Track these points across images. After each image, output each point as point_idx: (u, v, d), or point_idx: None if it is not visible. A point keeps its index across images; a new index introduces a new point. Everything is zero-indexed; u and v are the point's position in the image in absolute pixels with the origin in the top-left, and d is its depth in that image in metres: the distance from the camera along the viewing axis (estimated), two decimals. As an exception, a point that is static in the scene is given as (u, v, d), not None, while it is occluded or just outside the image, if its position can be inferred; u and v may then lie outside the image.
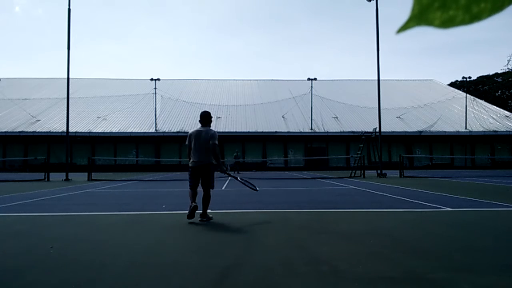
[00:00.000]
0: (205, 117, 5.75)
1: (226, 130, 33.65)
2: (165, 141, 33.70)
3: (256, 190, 6.48)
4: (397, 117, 37.36)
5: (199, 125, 5.76)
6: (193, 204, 5.35)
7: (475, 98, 40.85)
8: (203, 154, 5.54)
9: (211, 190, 5.67)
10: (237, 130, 33.78)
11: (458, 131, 34.61)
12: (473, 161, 35.71)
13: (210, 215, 5.64)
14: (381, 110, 20.94)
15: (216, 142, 5.58)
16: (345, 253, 3.65)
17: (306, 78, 35.99)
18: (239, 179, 6.44)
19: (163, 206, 7.33)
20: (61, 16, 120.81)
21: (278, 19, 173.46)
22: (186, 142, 5.73)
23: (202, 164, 5.55)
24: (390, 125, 34.19)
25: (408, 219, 5.81)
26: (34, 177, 18.88)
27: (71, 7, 18.42)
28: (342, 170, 28.87)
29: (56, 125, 33.44)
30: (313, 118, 35.10)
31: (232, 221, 5.58)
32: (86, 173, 18.54)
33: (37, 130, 32.90)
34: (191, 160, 5.61)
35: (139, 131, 33.49)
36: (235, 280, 2.88)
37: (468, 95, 37.81)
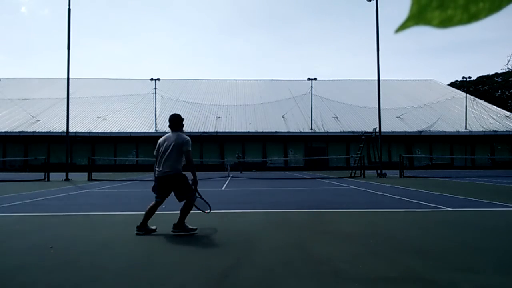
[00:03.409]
0: (174, 121, 4.96)
1: (226, 130, 33.65)
2: (165, 141, 33.64)
3: (206, 212, 5.13)
4: (397, 117, 37.36)
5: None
6: (152, 227, 4.77)
7: (475, 98, 40.84)
8: (171, 163, 4.71)
9: (190, 199, 4.79)
10: (237, 130, 33.77)
11: (458, 131, 34.60)
12: (473, 161, 35.70)
13: (194, 227, 4.83)
14: (381, 110, 20.94)
15: (189, 148, 4.76)
16: (345, 253, 3.65)
17: (306, 78, 36.00)
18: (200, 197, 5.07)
19: (163, 206, 7.33)
20: (61, 16, 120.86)
21: (278, 19, 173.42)
22: (154, 152, 4.94)
23: (169, 175, 4.70)
24: (390, 125, 34.19)
25: (408, 219, 5.81)
26: (34, 177, 18.88)
27: (71, 7, 18.43)
28: (342, 170, 28.87)
29: (56, 125, 33.44)
30: (313, 118, 35.09)
31: (232, 221, 5.58)
32: (86, 173, 18.55)
33: (37, 130, 32.89)
34: (157, 170, 4.79)
35: (139, 131, 33.48)
36: (235, 280, 2.88)
37: (468, 95, 37.80)
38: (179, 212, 4.73)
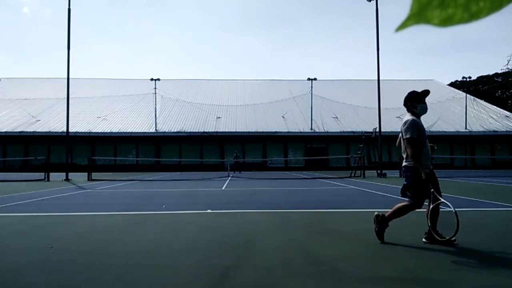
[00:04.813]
0: (407, 100, 4.49)
1: (226, 130, 33.66)
2: (165, 141, 33.69)
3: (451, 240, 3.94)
4: (397, 117, 37.32)
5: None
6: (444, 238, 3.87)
7: (475, 98, 40.83)
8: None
9: (412, 202, 4.17)
10: (237, 130, 33.77)
11: (458, 131, 34.60)
12: (473, 161, 35.69)
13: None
14: (381, 110, 20.94)
15: (408, 135, 4.17)
16: (345, 253, 3.65)
17: (306, 78, 35.99)
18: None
19: (163, 206, 7.33)
20: (61, 16, 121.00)
21: (278, 19, 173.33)
22: (415, 135, 4.19)
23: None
24: (390, 125, 34.13)
25: (408, 219, 5.80)
26: (34, 177, 18.87)
27: (71, 7, 18.43)
28: (342, 170, 28.85)
29: (56, 125, 33.44)
30: (313, 118, 35.09)
31: (232, 221, 5.58)
32: (86, 173, 18.55)
33: (37, 130, 32.89)
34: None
35: (139, 131, 33.48)
36: (235, 280, 2.88)
37: (468, 95, 37.79)
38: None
